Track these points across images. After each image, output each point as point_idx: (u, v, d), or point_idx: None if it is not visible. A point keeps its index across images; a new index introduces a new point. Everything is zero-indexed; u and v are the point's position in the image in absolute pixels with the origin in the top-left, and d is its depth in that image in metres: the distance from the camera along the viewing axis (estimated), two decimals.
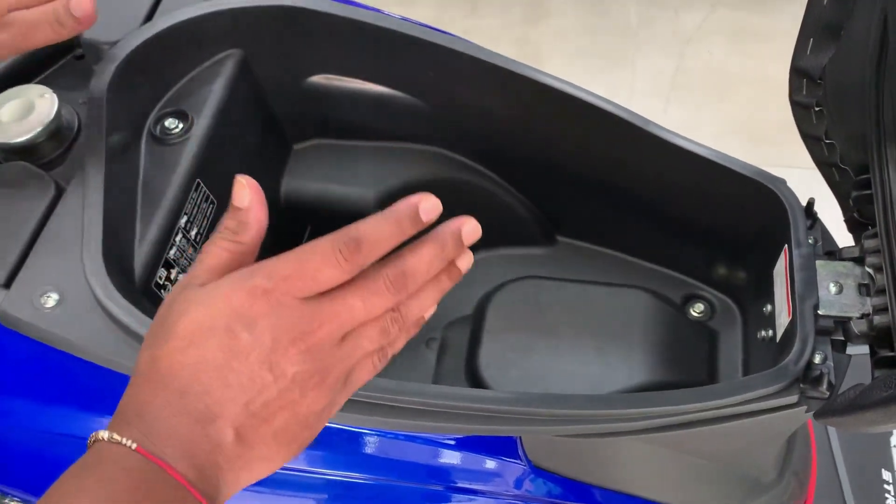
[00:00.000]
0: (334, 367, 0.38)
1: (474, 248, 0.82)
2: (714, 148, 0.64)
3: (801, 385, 0.52)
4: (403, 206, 0.40)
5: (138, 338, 0.47)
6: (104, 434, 0.36)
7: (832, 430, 0.93)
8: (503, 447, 0.57)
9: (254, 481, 0.39)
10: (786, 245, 0.59)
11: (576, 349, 0.70)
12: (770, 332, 0.62)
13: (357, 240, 0.38)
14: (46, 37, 0.50)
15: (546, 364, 0.70)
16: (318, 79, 0.70)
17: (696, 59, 1.80)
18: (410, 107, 0.70)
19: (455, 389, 0.48)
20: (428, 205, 0.42)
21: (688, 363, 0.70)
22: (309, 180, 0.73)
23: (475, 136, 0.73)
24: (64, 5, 0.49)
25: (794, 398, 0.52)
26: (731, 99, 1.72)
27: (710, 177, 0.64)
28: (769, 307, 0.63)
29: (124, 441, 0.35)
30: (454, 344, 0.74)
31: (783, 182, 0.61)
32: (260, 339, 0.37)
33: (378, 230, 0.39)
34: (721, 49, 1.82)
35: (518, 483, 0.58)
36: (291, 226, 0.74)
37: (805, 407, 0.53)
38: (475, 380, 0.71)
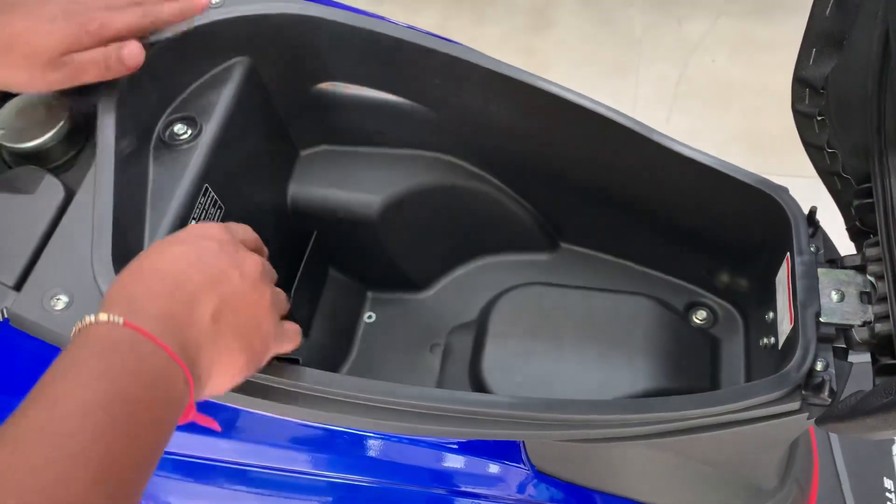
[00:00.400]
0: (277, 292, 0.48)
1: (479, 254, 0.83)
2: (716, 156, 0.65)
3: (803, 392, 0.52)
4: None
5: None
6: (90, 318, 0.38)
7: (834, 438, 0.94)
8: (506, 451, 0.58)
9: (218, 389, 0.42)
10: (788, 253, 0.59)
11: (579, 355, 0.70)
12: (772, 340, 0.63)
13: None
14: (94, 77, 0.55)
15: (549, 370, 0.70)
16: (325, 86, 0.71)
17: (700, 69, 1.81)
18: (417, 114, 0.71)
19: (458, 393, 0.49)
20: None
21: (690, 370, 0.70)
22: (315, 186, 0.74)
23: (480, 143, 0.73)
24: (117, 53, 0.54)
25: (795, 405, 0.52)
26: (734, 108, 1.73)
27: (713, 185, 0.64)
28: (771, 315, 0.63)
29: (112, 318, 0.38)
30: (458, 349, 0.75)
31: (785, 190, 0.62)
32: (223, 245, 0.45)
33: None
34: (724, 58, 1.82)
35: (521, 487, 0.59)
36: (298, 231, 0.75)
37: (807, 414, 0.53)
38: (479, 385, 0.71)
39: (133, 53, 0.55)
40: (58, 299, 0.49)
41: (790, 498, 0.71)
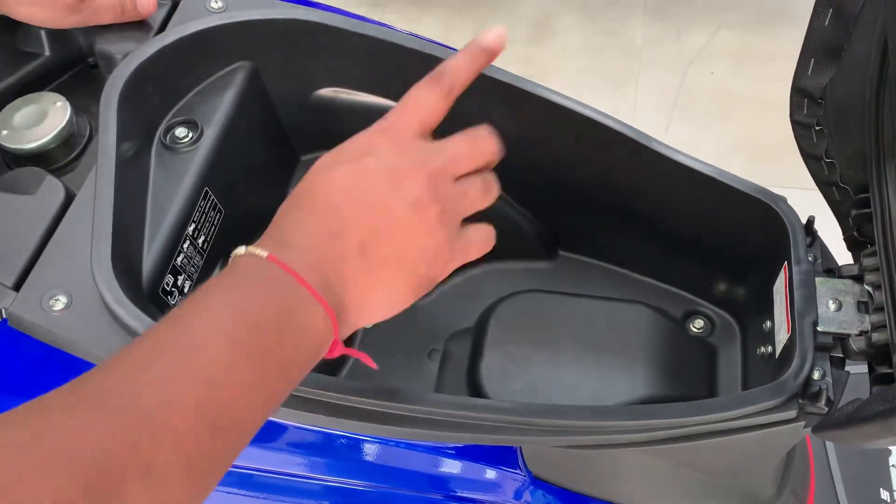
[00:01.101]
0: (449, 201, 0.42)
1: (477, 262, 0.83)
2: (715, 166, 0.65)
3: (800, 401, 0.53)
4: (474, 41, 0.48)
5: None
6: (241, 249, 0.39)
7: (831, 449, 0.94)
8: (503, 457, 0.58)
9: (376, 318, 0.41)
10: (786, 262, 0.59)
11: (577, 362, 0.71)
12: (769, 349, 0.63)
13: (439, 71, 0.46)
14: (109, 19, 0.62)
15: (547, 377, 0.70)
16: (326, 92, 0.71)
17: (699, 79, 1.82)
18: None
19: (455, 398, 0.49)
20: (492, 35, 0.48)
21: (688, 378, 0.70)
22: None
23: None
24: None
25: (792, 413, 0.52)
26: (733, 118, 1.74)
27: (711, 194, 0.65)
28: (769, 323, 0.64)
29: (257, 251, 0.38)
30: (456, 355, 0.75)
31: (783, 199, 0.62)
32: (383, 162, 0.41)
33: (455, 61, 0.47)
34: (724, 69, 1.83)
35: (517, 494, 0.58)
36: None
37: (804, 422, 0.53)
38: (476, 391, 0.71)
39: (145, 2, 0.63)
40: (57, 300, 0.49)
41: None
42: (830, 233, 0.63)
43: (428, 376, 0.75)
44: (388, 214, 0.40)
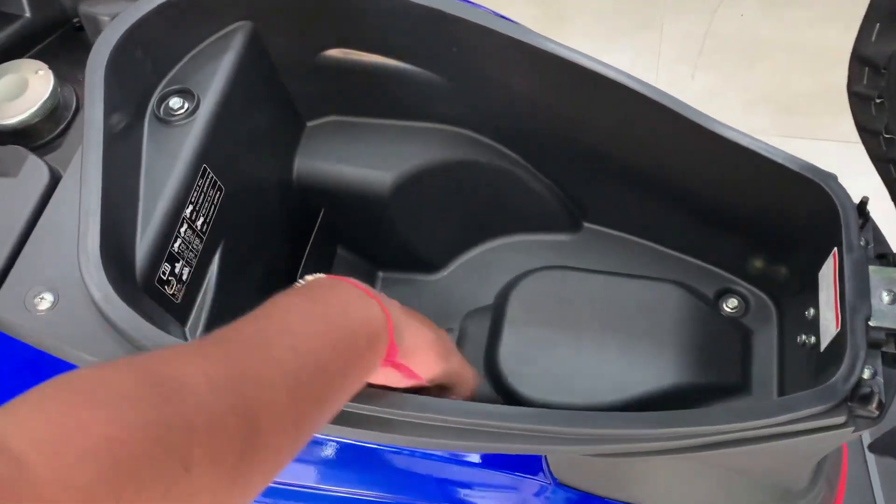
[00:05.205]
0: None
1: (496, 233, 0.78)
2: (757, 137, 0.59)
3: (849, 403, 0.48)
4: None
5: (138, 345, 0.44)
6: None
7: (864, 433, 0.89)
8: (526, 463, 0.54)
9: (416, 350, 0.48)
10: (835, 248, 0.54)
11: (601, 346, 0.67)
12: (812, 339, 0.58)
13: None
14: None
15: (569, 361, 0.66)
16: (333, 53, 0.65)
17: (727, 24, 1.73)
18: (432, 84, 0.66)
19: (479, 406, 0.45)
20: None
21: (720, 363, 0.66)
22: (323, 160, 0.69)
23: (500, 116, 0.68)
24: None
25: (841, 419, 0.48)
26: (762, 66, 1.65)
27: (753, 169, 0.59)
28: (812, 311, 0.59)
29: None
30: (473, 335, 0.71)
31: (834, 178, 0.57)
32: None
33: None
34: (754, 13, 1.74)
35: (542, 500, 0.55)
36: (305, 207, 0.70)
37: (852, 428, 0.49)
38: (495, 375, 0.67)
39: None
40: (41, 298, 0.45)
41: (820, 496, 0.67)
42: (886, 215, 0.58)
43: None
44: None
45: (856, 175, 0.55)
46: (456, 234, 0.76)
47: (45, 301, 0.45)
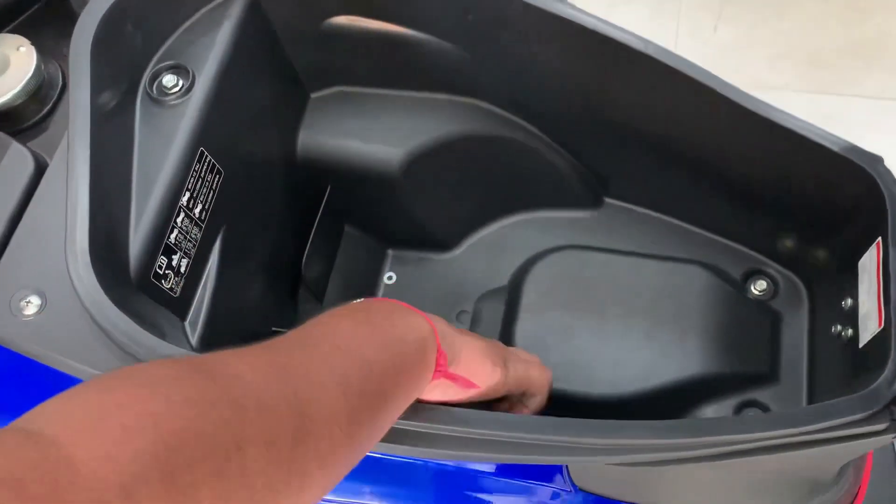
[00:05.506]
0: None
1: (512, 210, 0.74)
2: (801, 118, 0.55)
3: (892, 408, 0.45)
4: None
5: (132, 351, 0.41)
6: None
7: None
8: (545, 470, 0.52)
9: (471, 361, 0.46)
10: (879, 237, 0.50)
11: (623, 333, 0.63)
12: (849, 332, 0.55)
13: None
14: None
15: (589, 349, 0.63)
16: (340, 20, 0.61)
17: None
18: (444, 54, 0.61)
19: (498, 415, 0.42)
20: None
21: (746, 350, 0.63)
22: (329, 135, 0.65)
23: (517, 87, 0.64)
24: None
25: (882, 425, 0.45)
26: (789, 17, 1.57)
27: (791, 149, 0.55)
28: (849, 301, 0.55)
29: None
30: (487, 319, 0.68)
31: (880, 161, 0.52)
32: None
33: None
34: None
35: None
36: (310, 185, 0.66)
37: (894, 434, 0.46)
38: None
39: None
40: (27, 302, 0.42)
41: (847, 484, 0.65)
42: None
43: None
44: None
45: (887, 132, 0.51)
46: (469, 210, 0.72)
47: (32, 305, 0.42)
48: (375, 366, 0.37)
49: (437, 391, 0.44)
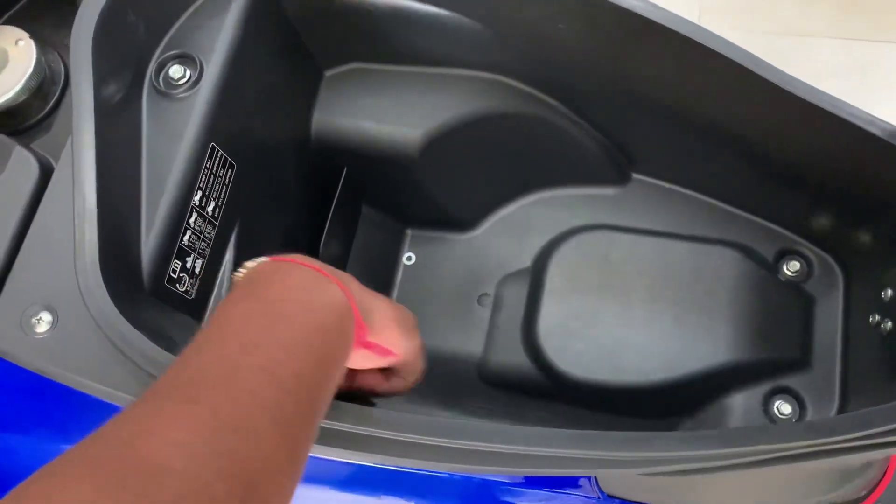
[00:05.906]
0: None
1: (535, 187, 0.72)
2: (831, 93, 0.52)
3: None
4: None
5: (146, 369, 0.40)
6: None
7: None
8: (574, 478, 0.51)
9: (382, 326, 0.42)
10: None
11: (651, 318, 0.62)
12: (889, 324, 0.53)
13: None
14: None
15: (615, 336, 0.61)
16: None
17: None
18: (464, 29, 0.58)
19: (525, 429, 0.41)
20: None
21: (779, 338, 0.61)
22: (344, 115, 0.63)
23: (539, 62, 0.60)
24: None
25: None
26: None
27: (832, 133, 0.52)
28: (889, 292, 0.53)
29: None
30: (510, 304, 0.66)
31: None
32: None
33: None
34: None
35: None
36: (326, 167, 0.64)
37: None
38: (533, 350, 0.63)
39: None
40: (39, 319, 0.41)
41: (874, 471, 0.64)
42: None
43: (478, 326, 0.67)
44: None
45: None
46: (491, 189, 0.69)
47: (44, 322, 0.41)
48: (304, 378, 0.34)
49: (356, 360, 0.41)
